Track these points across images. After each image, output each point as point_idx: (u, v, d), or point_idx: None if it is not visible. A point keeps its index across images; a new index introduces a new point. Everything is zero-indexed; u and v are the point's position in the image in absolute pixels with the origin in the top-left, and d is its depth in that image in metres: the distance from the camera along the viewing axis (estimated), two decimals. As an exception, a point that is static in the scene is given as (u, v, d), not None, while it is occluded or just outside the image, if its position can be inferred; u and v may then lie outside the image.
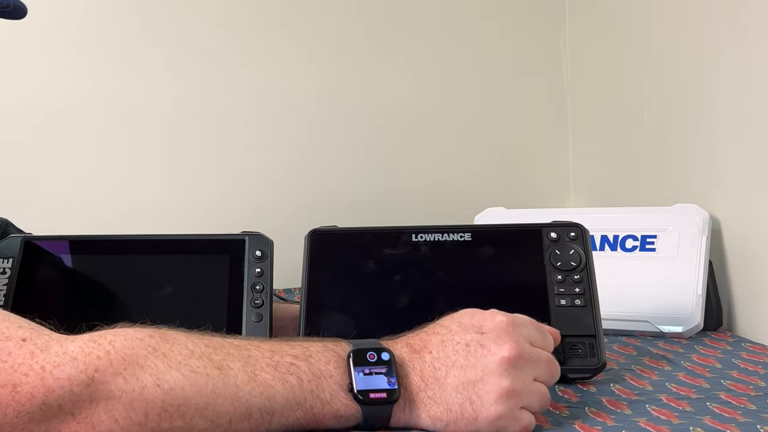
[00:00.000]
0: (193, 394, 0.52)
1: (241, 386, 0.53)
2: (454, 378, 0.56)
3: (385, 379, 0.55)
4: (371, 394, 0.55)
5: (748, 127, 1.00)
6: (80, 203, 1.41)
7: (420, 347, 0.58)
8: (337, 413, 0.55)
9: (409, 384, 0.56)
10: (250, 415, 0.53)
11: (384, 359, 0.56)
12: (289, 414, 0.54)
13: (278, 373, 0.55)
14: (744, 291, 1.02)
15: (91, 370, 0.51)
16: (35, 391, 0.50)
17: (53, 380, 0.50)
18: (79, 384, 0.50)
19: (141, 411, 0.51)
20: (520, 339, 0.57)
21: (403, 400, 0.56)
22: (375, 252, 0.79)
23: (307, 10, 1.50)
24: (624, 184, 1.37)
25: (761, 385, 0.74)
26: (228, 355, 0.55)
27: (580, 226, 0.78)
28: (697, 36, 1.12)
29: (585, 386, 0.73)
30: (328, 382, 0.55)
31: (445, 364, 0.57)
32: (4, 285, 0.74)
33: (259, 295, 0.75)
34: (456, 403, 0.55)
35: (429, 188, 1.52)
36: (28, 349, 0.51)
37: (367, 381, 0.55)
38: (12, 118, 1.39)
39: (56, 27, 1.40)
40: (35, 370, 0.50)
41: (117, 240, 0.79)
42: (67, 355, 0.51)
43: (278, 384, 0.54)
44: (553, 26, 1.57)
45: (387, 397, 0.55)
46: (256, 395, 0.53)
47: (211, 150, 1.46)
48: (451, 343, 0.57)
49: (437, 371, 0.56)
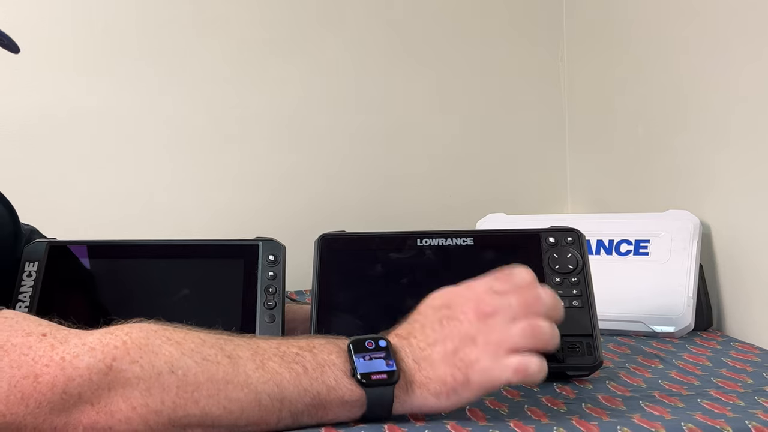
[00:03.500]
0: (206, 380, 0.53)
1: (251, 373, 0.55)
2: (438, 353, 0.58)
3: (383, 362, 0.57)
4: (373, 375, 0.57)
5: (737, 138, 1.02)
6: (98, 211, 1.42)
7: (406, 334, 0.60)
8: (343, 398, 0.57)
9: (406, 368, 0.58)
10: (260, 401, 0.55)
11: (381, 345, 0.58)
12: (297, 400, 0.56)
13: (285, 362, 0.56)
14: (733, 293, 1.03)
15: (109, 359, 0.52)
16: (56, 380, 0.51)
17: (73, 369, 0.51)
18: (98, 372, 0.52)
19: (158, 397, 0.52)
20: (484, 296, 0.59)
21: (404, 382, 0.58)
22: (382, 256, 0.80)
23: (312, 19, 1.51)
24: (619, 191, 1.38)
25: (749, 382, 0.75)
26: (238, 345, 0.57)
27: (576, 231, 0.80)
28: (688, 50, 1.13)
29: (582, 383, 0.75)
30: (332, 369, 0.57)
31: (428, 343, 0.59)
32: (30, 287, 0.76)
33: (272, 297, 0.77)
34: (448, 374, 0.57)
35: (433, 195, 1.54)
36: (48, 342, 0.53)
37: (368, 365, 0.57)
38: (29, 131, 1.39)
39: (69, 41, 1.40)
40: (56, 361, 0.52)
41: (138, 245, 0.81)
42: (85, 345, 0.53)
43: (285, 371, 0.56)
44: (551, 40, 1.58)
45: (388, 378, 0.57)
46: (264, 381, 0.55)
47: (227, 160, 1.47)
48: (429, 324, 0.60)
49: (423, 351, 0.59)
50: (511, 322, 0.58)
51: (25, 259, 0.79)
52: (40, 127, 1.40)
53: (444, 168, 1.55)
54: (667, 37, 1.20)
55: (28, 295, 0.76)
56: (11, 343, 0.53)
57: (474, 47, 1.57)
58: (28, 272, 0.77)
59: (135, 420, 0.52)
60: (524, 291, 0.59)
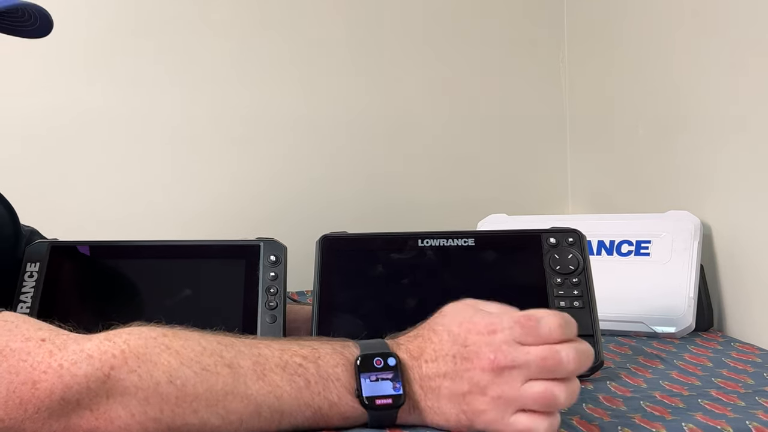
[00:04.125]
0: (204, 390, 0.53)
1: (251, 384, 0.54)
2: (446, 389, 0.56)
3: (390, 384, 0.55)
4: (377, 400, 0.55)
5: (738, 139, 1.02)
6: (100, 212, 1.42)
7: (417, 354, 0.58)
8: (344, 414, 0.56)
9: (412, 392, 0.56)
10: (260, 413, 0.54)
11: (390, 365, 0.56)
12: (298, 414, 0.55)
13: (286, 374, 0.55)
14: (733, 293, 1.04)
15: (107, 368, 0.52)
16: (54, 387, 0.51)
17: (71, 377, 0.51)
18: (96, 381, 0.52)
19: (156, 406, 0.52)
20: (503, 347, 0.55)
21: (408, 406, 0.56)
22: (383, 256, 0.80)
23: (314, 20, 1.51)
24: (620, 192, 1.38)
25: (750, 382, 0.75)
26: (239, 353, 0.55)
27: (577, 232, 0.80)
28: (689, 51, 1.14)
29: (583, 384, 0.74)
30: (336, 385, 0.55)
31: (439, 374, 0.56)
32: (32, 287, 0.76)
33: (274, 297, 0.77)
34: (452, 414, 0.56)
35: (434, 196, 1.54)
36: (47, 348, 0.53)
37: (374, 387, 0.55)
38: (29, 132, 1.40)
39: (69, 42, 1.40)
40: (54, 368, 0.52)
41: (139, 245, 0.81)
42: (83, 353, 0.52)
43: (287, 385, 0.54)
44: (552, 41, 1.59)
45: (392, 403, 0.55)
46: (265, 393, 0.54)
47: (228, 160, 1.47)
48: (441, 354, 0.57)
49: (432, 381, 0.56)
50: (527, 381, 0.54)
51: (27, 259, 0.79)
52: (40, 127, 1.41)
53: (445, 168, 1.56)
54: (667, 38, 1.20)
55: (30, 296, 0.76)
56: (10, 348, 0.53)
57: (475, 48, 1.57)
58: (29, 273, 0.77)
59: (134, 427, 0.52)
60: (547, 351, 0.54)
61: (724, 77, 1.05)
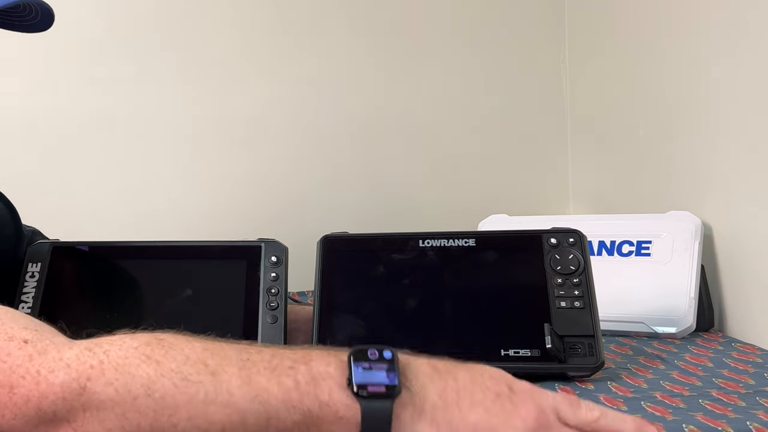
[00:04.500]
0: (185, 402, 0.51)
1: (234, 391, 0.51)
2: (477, 416, 0.51)
3: (384, 374, 0.51)
4: (370, 387, 0.50)
5: (738, 140, 1.02)
6: (101, 212, 1.42)
7: (445, 370, 0.53)
8: (337, 414, 0.51)
9: (426, 397, 0.51)
10: (244, 421, 0.51)
11: (386, 357, 0.52)
12: (286, 418, 0.51)
13: (275, 375, 0.52)
14: (734, 294, 1.04)
15: (83, 379, 0.50)
16: (30, 394, 0.50)
17: (47, 385, 0.50)
18: (71, 392, 0.50)
19: (134, 421, 0.50)
20: (547, 410, 0.52)
21: (412, 406, 0.51)
22: (384, 257, 0.80)
23: (317, 22, 1.51)
24: (620, 193, 1.38)
25: (751, 383, 0.75)
26: (224, 358, 0.53)
27: (578, 232, 0.80)
28: (689, 52, 1.14)
29: (583, 384, 0.75)
30: (327, 383, 0.51)
31: (471, 398, 0.52)
32: (33, 287, 0.77)
33: (275, 298, 0.77)
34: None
35: (435, 196, 1.54)
36: (27, 351, 0.51)
37: (366, 375, 0.51)
38: (29, 132, 1.40)
39: (70, 43, 1.40)
40: (31, 374, 0.50)
41: (140, 246, 0.82)
42: (62, 361, 0.51)
43: (273, 386, 0.51)
44: (553, 42, 1.59)
45: (386, 392, 0.50)
46: (250, 399, 0.51)
47: (229, 161, 1.47)
48: (481, 385, 0.53)
49: (461, 399, 0.52)
50: None
51: (29, 259, 0.79)
52: (40, 128, 1.41)
53: (446, 169, 1.56)
54: (668, 39, 1.21)
55: (31, 296, 0.76)
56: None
57: (476, 48, 1.57)
58: (31, 273, 0.78)
59: None
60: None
61: (724, 77, 1.05)
